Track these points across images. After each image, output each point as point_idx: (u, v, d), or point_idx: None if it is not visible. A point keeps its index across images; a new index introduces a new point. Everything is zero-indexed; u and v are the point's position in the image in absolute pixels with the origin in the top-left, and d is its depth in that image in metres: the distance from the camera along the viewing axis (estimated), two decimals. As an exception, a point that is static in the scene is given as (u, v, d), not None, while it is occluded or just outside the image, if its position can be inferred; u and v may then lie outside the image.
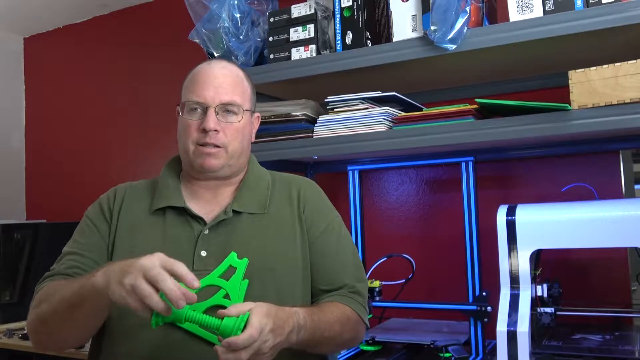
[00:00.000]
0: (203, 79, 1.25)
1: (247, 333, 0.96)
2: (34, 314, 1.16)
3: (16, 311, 2.67)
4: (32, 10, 3.04)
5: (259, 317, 0.98)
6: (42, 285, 1.20)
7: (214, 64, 1.28)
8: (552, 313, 1.48)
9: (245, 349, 0.96)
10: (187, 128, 1.24)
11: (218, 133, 1.22)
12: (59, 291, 1.11)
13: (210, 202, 1.28)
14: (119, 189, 1.33)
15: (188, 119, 1.24)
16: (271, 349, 1.00)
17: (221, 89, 1.24)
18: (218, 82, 1.24)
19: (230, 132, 1.24)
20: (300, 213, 1.29)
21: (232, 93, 1.25)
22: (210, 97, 1.23)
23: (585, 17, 1.43)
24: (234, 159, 1.26)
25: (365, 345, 1.79)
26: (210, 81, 1.24)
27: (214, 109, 1.22)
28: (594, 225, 1.42)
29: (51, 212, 3.15)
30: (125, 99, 3.05)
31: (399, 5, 1.70)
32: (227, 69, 1.28)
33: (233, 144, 1.25)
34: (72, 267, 1.21)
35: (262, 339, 0.98)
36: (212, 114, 1.22)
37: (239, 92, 1.27)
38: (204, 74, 1.26)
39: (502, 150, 1.89)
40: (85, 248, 1.24)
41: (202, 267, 1.18)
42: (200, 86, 1.24)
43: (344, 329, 1.20)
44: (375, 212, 2.22)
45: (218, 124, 1.22)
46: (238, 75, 1.29)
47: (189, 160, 1.26)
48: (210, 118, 1.21)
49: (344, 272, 1.28)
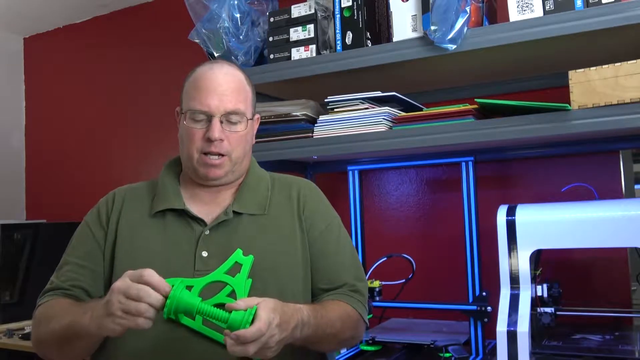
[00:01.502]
0: (206, 86, 1.23)
1: (256, 326, 0.97)
2: (35, 335, 1.21)
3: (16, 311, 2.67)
4: (32, 10, 3.04)
5: (266, 312, 0.99)
6: (42, 301, 1.22)
7: (216, 69, 1.26)
8: (552, 313, 1.48)
9: (254, 342, 0.97)
10: (191, 136, 1.23)
11: (222, 142, 1.22)
12: (55, 318, 1.14)
13: (210, 204, 1.28)
14: (118, 192, 1.33)
15: (192, 127, 1.23)
16: (277, 344, 1.02)
17: (225, 97, 1.22)
18: (222, 90, 1.23)
19: (234, 140, 1.24)
20: (300, 214, 1.29)
21: (235, 101, 1.24)
22: (214, 106, 1.21)
23: (585, 17, 1.43)
24: (237, 165, 1.27)
25: (365, 345, 1.79)
26: (214, 88, 1.22)
27: (218, 119, 1.22)
28: (594, 225, 1.42)
29: (51, 212, 3.15)
30: (125, 99, 3.05)
31: (399, 5, 1.70)
32: (230, 75, 1.26)
33: (237, 150, 1.25)
34: (71, 279, 1.23)
35: (269, 333, 0.99)
36: (216, 123, 1.21)
37: (242, 99, 1.26)
38: (206, 81, 1.24)
39: (502, 150, 1.89)
40: (82, 256, 1.25)
41: (203, 267, 1.19)
42: (203, 94, 1.22)
43: (345, 327, 1.21)
44: (375, 212, 2.22)
45: (222, 132, 1.22)
46: (241, 81, 1.28)
47: (192, 167, 1.26)
48: (215, 127, 1.21)
49: (343, 271, 1.29)
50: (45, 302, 1.21)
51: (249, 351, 0.97)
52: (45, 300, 1.21)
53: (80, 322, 1.07)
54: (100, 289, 1.23)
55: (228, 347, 0.98)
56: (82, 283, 1.22)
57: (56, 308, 1.17)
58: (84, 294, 1.22)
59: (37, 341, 1.20)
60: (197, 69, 1.28)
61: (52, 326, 1.14)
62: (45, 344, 1.18)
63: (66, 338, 1.12)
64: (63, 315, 1.13)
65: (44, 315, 1.18)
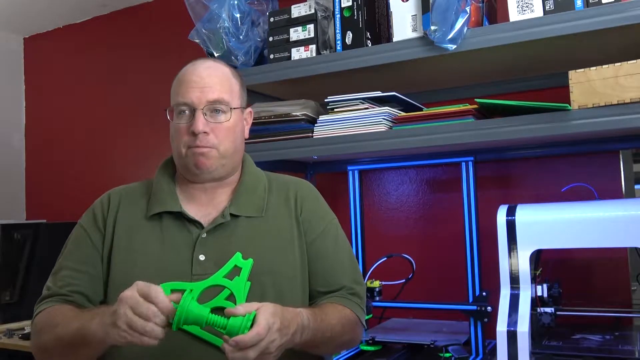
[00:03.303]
0: (188, 80, 1.23)
1: (254, 331, 0.97)
2: (36, 343, 1.19)
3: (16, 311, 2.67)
4: (32, 10, 3.04)
5: (266, 316, 0.99)
6: (40, 308, 1.20)
7: (198, 64, 1.25)
8: (552, 313, 1.48)
9: (253, 347, 0.97)
10: (178, 132, 1.23)
11: (208, 135, 1.20)
12: (59, 325, 1.12)
13: (207, 205, 1.27)
14: (113, 194, 1.31)
15: (177, 123, 1.22)
16: (277, 349, 1.01)
17: (207, 89, 1.21)
18: (204, 82, 1.22)
19: (220, 133, 1.22)
20: (298, 215, 1.28)
21: (218, 91, 1.22)
22: (196, 98, 1.20)
23: (585, 17, 1.43)
24: (227, 159, 1.25)
25: (365, 345, 1.79)
26: (196, 81, 1.22)
27: (201, 111, 1.20)
28: (594, 225, 1.42)
29: (51, 212, 3.15)
30: (125, 99, 3.05)
31: (399, 5, 1.70)
32: (212, 68, 1.25)
33: (224, 143, 1.23)
34: (69, 284, 1.21)
35: (269, 338, 0.98)
36: (200, 115, 1.20)
37: (226, 90, 1.24)
38: (188, 75, 1.23)
39: (502, 150, 1.89)
40: (79, 260, 1.23)
41: (201, 271, 1.18)
42: (185, 88, 1.22)
43: (344, 330, 1.20)
44: (375, 212, 2.22)
45: (207, 125, 1.20)
46: (224, 73, 1.26)
47: (183, 164, 1.25)
48: (198, 120, 1.19)
49: (341, 274, 1.28)
50: (45, 309, 1.18)
51: (249, 357, 0.97)
52: (43, 307, 1.19)
53: (89, 327, 1.05)
54: (100, 293, 1.22)
55: (228, 353, 0.97)
56: (80, 288, 1.20)
57: (60, 315, 1.15)
58: (84, 299, 1.20)
59: (40, 349, 1.17)
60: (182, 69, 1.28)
61: (57, 333, 1.11)
62: (49, 352, 1.16)
63: (72, 345, 1.10)
64: (69, 321, 1.11)
65: (45, 322, 1.16)
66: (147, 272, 1.16)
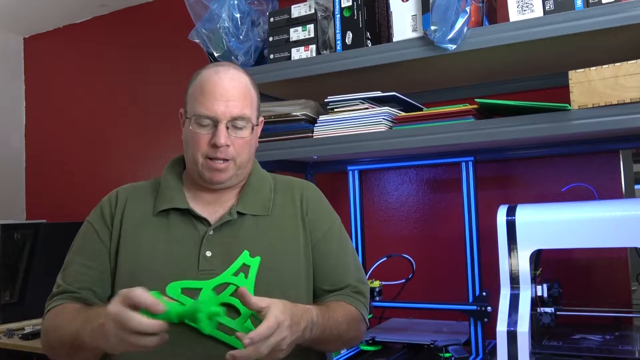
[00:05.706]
0: (212, 91, 1.22)
1: (265, 325, 0.98)
2: (45, 342, 1.21)
3: (16, 311, 2.67)
4: (32, 10, 3.04)
5: (275, 313, 1.00)
6: (50, 306, 1.21)
7: (222, 73, 1.24)
8: (552, 313, 1.48)
9: (265, 341, 0.97)
10: (197, 141, 1.23)
11: (228, 147, 1.22)
12: (62, 327, 1.14)
13: (214, 204, 1.28)
14: (121, 191, 1.33)
15: (198, 132, 1.22)
16: (289, 345, 1.03)
17: (231, 103, 1.21)
18: (228, 95, 1.22)
19: (239, 145, 1.24)
20: (304, 215, 1.30)
21: (242, 106, 1.23)
22: (221, 112, 1.20)
23: (585, 17, 1.43)
24: (241, 169, 1.27)
25: (365, 345, 1.79)
26: (220, 93, 1.21)
27: (224, 124, 1.21)
28: (594, 225, 1.41)
29: (51, 212, 3.14)
30: (125, 99, 3.05)
31: (399, 5, 1.70)
32: (236, 79, 1.25)
33: (242, 155, 1.25)
34: (78, 280, 1.22)
35: (281, 334, 1.00)
36: (223, 129, 1.20)
37: (248, 104, 1.25)
38: (213, 85, 1.22)
39: (502, 150, 1.89)
40: (88, 257, 1.25)
41: (207, 267, 1.19)
42: (210, 99, 1.21)
43: (350, 327, 1.23)
44: (375, 212, 2.22)
45: (228, 138, 1.22)
46: (246, 85, 1.27)
47: (197, 171, 1.25)
48: (221, 134, 1.20)
49: (346, 273, 1.30)
50: (54, 307, 1.20)
51: (261, 351, 0.98)
52: (53, 305, 1.21)
53: (83, 334, 1.07)
54: (108, 289, 1.24)
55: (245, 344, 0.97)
56: (89, 284, 1.22)
57: (63, 316, 1.16)
58: (92, 295, 1.22)
59: (49, 347, 1.20)
60: (202, 72, 1.26)
61: (60, 335, 1.14)
62: (56, 351, 1.19)
63: (73, 347, 1.12)
64: (69, 324, 1.12)
65: (51, 324, 1.18)
66: (154, 268, 1.18)
